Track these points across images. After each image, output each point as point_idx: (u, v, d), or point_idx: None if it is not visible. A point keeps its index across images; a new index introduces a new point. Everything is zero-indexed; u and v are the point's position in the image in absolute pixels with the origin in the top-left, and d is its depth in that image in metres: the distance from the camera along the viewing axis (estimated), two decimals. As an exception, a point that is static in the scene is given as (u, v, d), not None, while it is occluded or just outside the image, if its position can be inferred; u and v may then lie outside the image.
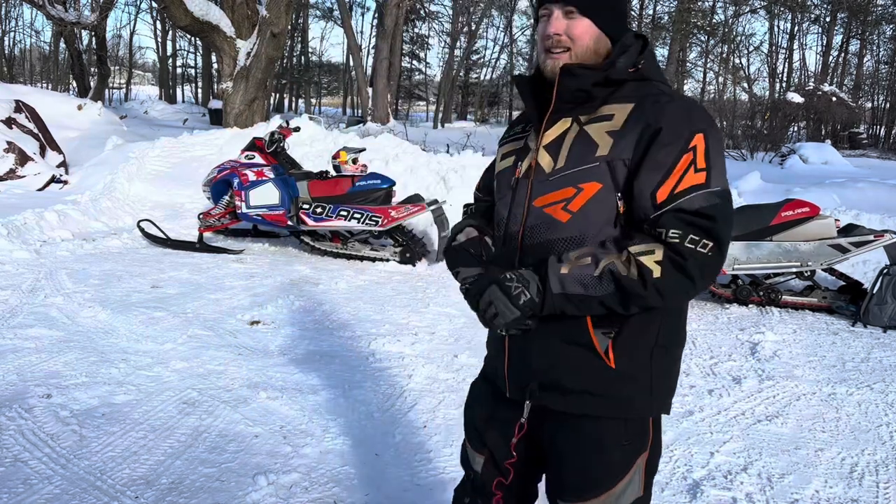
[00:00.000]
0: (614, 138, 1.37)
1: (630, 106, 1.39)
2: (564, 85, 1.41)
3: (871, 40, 32.93)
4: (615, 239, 1.37)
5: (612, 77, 1.41)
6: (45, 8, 14.18)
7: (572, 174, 1.39)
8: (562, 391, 1.44)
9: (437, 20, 35.21)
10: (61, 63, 33.88)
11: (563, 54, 1.42)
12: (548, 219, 1.41)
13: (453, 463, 2.90)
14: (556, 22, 1.42)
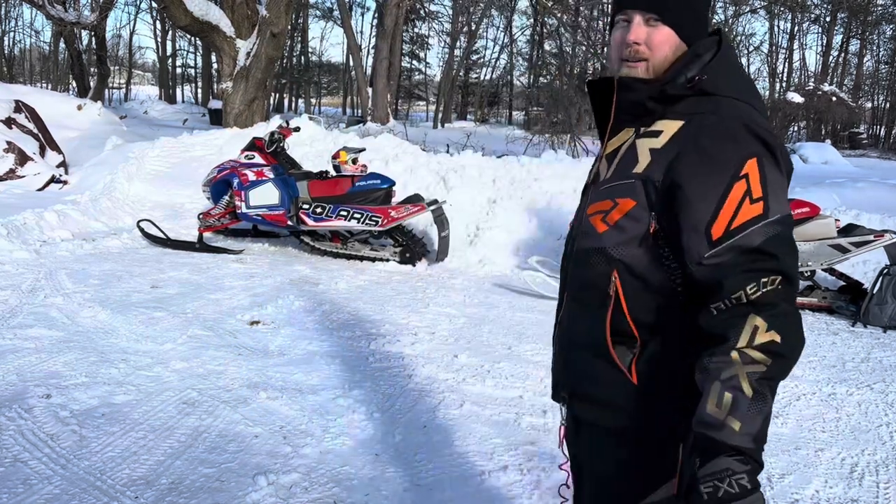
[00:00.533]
0: (652, 157, 1.31)
1: (679, 124, 1.31)
2: (621, 98, 1.37)
3: (871, 40, 32.93)
4: (695, 337, 1.24)
5: (668, 92, 1.33)
6: (45, 8, 14.18)
7: (613, 187, 1.36)
8: (589, 401, 1.43)
9: (437, 20, 35.21)
10: (61, 63, 33.88)
11: (640, 64, 1.35)
12: (589, 227, 1.39)
13: (453, 463, 2.91)
14: (636, 29, 1.34)
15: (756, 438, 1.15)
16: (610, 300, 1.34)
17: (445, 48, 35.50)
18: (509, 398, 3.60)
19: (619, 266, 1.34)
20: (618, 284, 1.33)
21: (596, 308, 1.37)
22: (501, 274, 6.54)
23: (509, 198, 7.56)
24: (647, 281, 1.32)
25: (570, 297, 1.46)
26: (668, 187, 1.28)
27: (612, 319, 1.34)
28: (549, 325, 4.87)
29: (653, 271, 1.32)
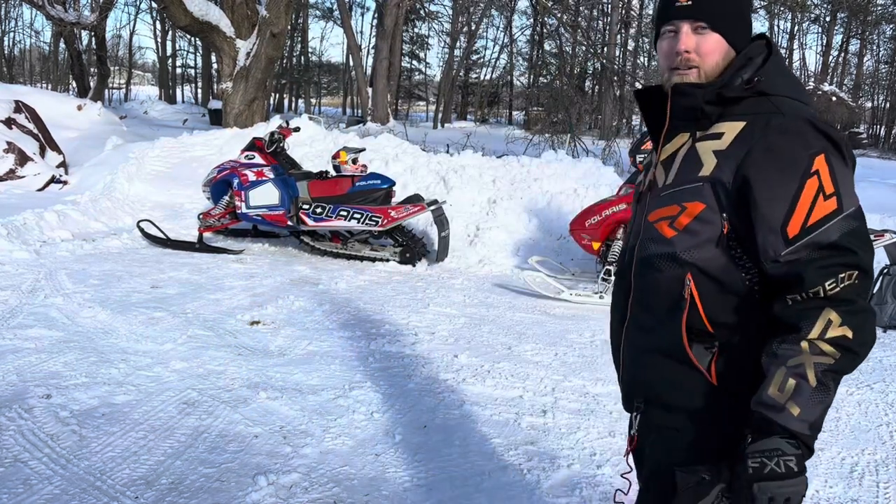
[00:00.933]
0: (718, 159, 1.32)
1: (741, 125, 1.32)
2: (677, 104, 1.39)
3: (871, 40, 32.93)
4: (770, 323, 1.29)
5: (725, 95, 1.34)
6: (45, 8, 14.18)
7: (678, 192, 1.37)
8: (665, 407, 1.43)
9: (437, 20, 35.20)
10: (61, 63, 33.88)
11: (691, 72, 1.37)
12: (655, 234, 1.40)
13: (453, 463, 2.91)
14: (685, 38, 1.36)
15: (812, 426, 1.19)
16: (685, 303, 1.34)
17: (445, 48, 35.50)
18: (509, 398, 3.60)
19: (693, 269, 1.34)
20: (692, 287, 1.34)
21: (669, 313, 1.37)
22: (501, 274, 6.54)
23: (509, 198, 7.57)
24: (723, 282, 1.33)
25: (637, 305, 1.46)
26: (740, 188, 1.29)
27: (687, 322, 1.35)
28: (550, 325, 4.87)
29: (728, 272, 1.33)
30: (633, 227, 1.51)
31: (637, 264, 1.45)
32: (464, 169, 8.00)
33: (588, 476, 2.87)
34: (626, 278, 1.49)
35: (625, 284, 1.50)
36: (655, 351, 1.41)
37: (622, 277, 1.52)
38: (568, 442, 3.15)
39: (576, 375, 3.96)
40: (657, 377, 1.42)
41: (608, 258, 5.77)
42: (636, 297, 1.46)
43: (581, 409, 3.52)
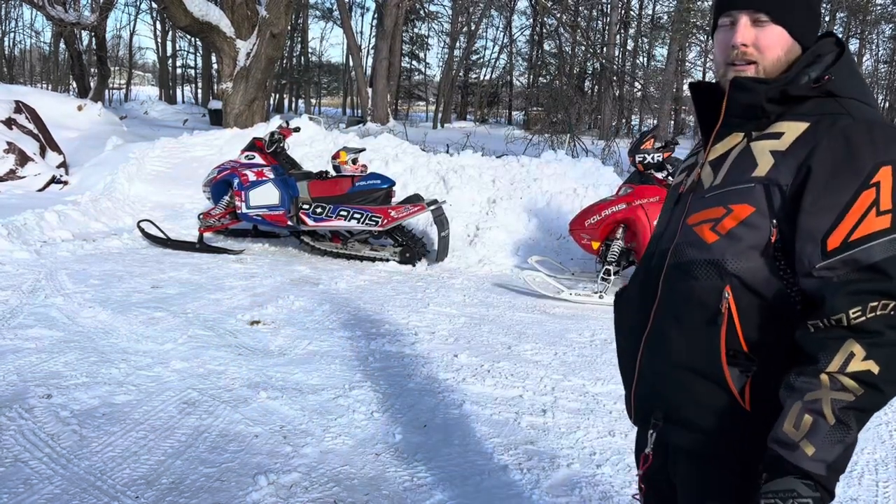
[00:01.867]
0: (776, 159, 1.20)
1: (804, 125, 1.20)
2: (734, 100, 1.27)
3: (871, 40, 32.95)
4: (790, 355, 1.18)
5: (790, 93, 1.23)
6: (45, 9, 14.19)
7: (725, 193, 1.25)
8: (688, 427, 1.30)
9: (437, 20, 35.22)
10: (61, 64, 33.88)
11: (749, 67, 1.25)
12: (695, 238, 1.28)
13: (453, 463, 2.91)
14: (743, 31, 1.24)
15: (830, 467, 1.09)
16: (722, 317, 1.22)
17: (445, 48, 35.51)
18: (509, 398, 3.61)
19: (733, 280, 1.22)
20: (731, 300, 1.22)
21: (701, 326, 1.25)
22: (501, 274, 6.54)
23: (509, 198, 7.57)
24: (765, 296, 1.22)
25: (664, 315, 1.32)
26: (796, 192, 1.18)
27: (726, 339, 1.23)
28: (549, 325, 4.88)
29: (771, 285, 1.21)
30: (664, 229, 1.38)
31: (668, 270, 1.32)
32: (463, 169, 8.00)
33: (588, 475, 2.87)
34: (650, 284, 1.35)
35: (648, 290, 1.36)
36: (684, 367, 1.28)
37: (645, 283, 1.38)
38: (567, 441, 3.16)
39: (575, 375, 3.97)
40: (683, 396, 1.30)
41: (608, 258, 5.78)
42: (663, 306, 1.32)
43: (581, 408, 3.53)
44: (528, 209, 7.41)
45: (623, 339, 1.47)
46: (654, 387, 1.36)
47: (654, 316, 1.34)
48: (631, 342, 1.41)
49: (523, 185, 7.72)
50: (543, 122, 18.12)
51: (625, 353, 1.47)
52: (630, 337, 1.42)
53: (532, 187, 7.67)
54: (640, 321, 1.37)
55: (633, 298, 1.43)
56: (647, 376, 1.37)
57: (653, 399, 1.36)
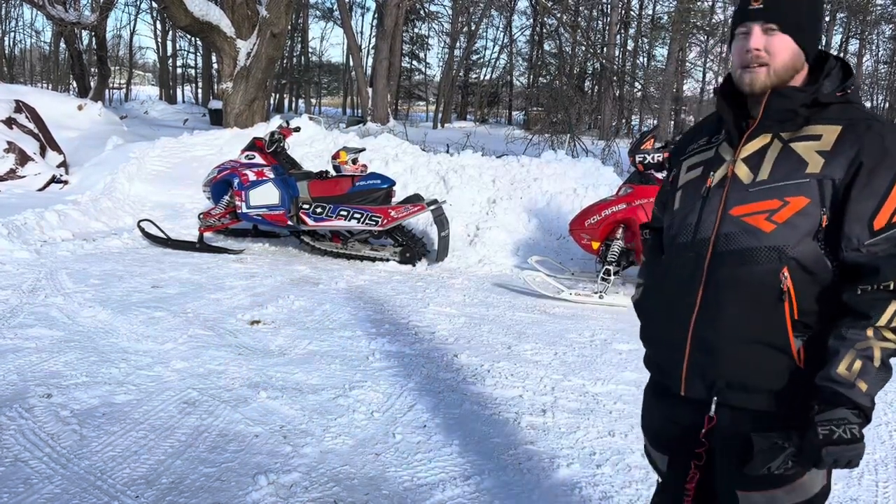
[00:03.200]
0: (825, 158, 1.42)
1: (838, 128, 1.44)
2: (773, 105, 1.48)
3: (871, 40, 32.95)
4: (841, 311, 1.42)
5: (820, 100, 1.47)
6: (46, 8, 14.19)
7: (779, 187, 1.45)
8: (748, 389, 1.50)
9: (437, 20, 35.20)
10: (61, 63, 33.87)
11: (761, 69, 1.47)
12: (748, 227, 1.47)
13: (453, 463, 2.91)
14: (755, 37, 1.47)
15: (872, 399, 1.37)
16: (785, 295, 1.43)
17: (445, 48, 35.51)
18: (509, 397, 3.61)
19: (791, 262, 1.43)
20: (789, 279, 1.43)
21: (764, 303, 1.45)
22: (501, 274, 6.54)
23: (509, 198, 7.57)
24: (814, 272, 1.44)
25: (717, 295, 1.50)
26: (848, 184, 1.40)
27: (789, 312, 1.44)
28: (549, 325, 4.86)
29: (818, 263, 1.44)
30: (697, 220, 1.54)
31: (718, 256, 1.49)
32: (464, 169, 8.00)
33: (588, 475, 2.87)
34: (690, 271, 1.53)
35: (688, 277, 1.54)
36: (748, 340, 1.47)
37: (681, 270, 1.56)
38: (567, 441, 3.16)
39: (575, 375, 3.97)
40: (746, 363, 1.48)
41: (608, 258, 5.78)
42: (717, 289, 1.50)
43: (580, 408, 3.53)
44: (528, 209, 7.42)
45: (660, 327, 1.63)
46: (713, 359, 1.52)
47: (704, 298, 1.51)
48: (673, 327, 1.57)
49: (523, 185, 7.72)
50: (543, 122, 18.12)
51: (659, 338, 1.65)
52: (670, 322, 1.58)
53: (532, 187, 7.67)
54: (683, 306, 1.54)
55: (670, 287, 1.59)
56: (704, 351, 1.53)
57: (712, 370, 1.52)
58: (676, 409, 1.63)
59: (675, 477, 1.69)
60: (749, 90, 1.50)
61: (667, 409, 1.67)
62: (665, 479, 1.74)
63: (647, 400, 1.76)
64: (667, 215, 1.70)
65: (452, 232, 6.82)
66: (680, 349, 1.56)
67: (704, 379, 1.54)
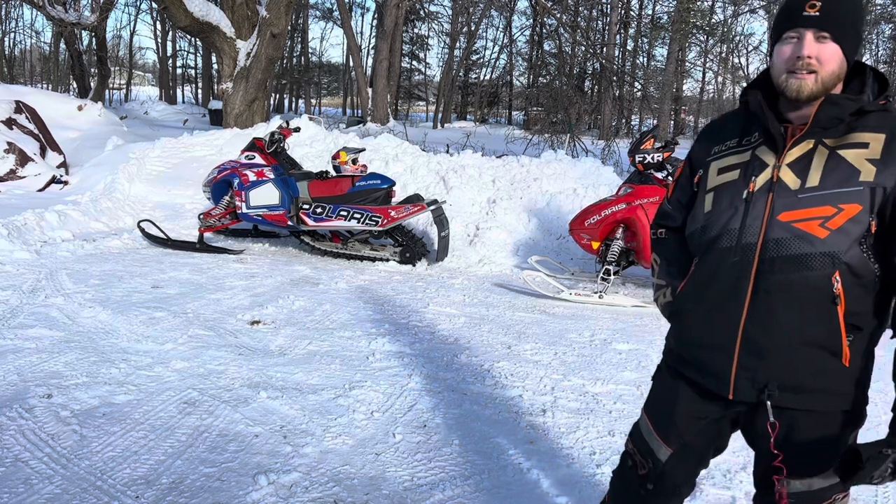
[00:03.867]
0: (876, 166, 1.46)
1: (882, 136, 1.48)
2: (825, 112, 1.50)
3: (871, 40, 32.95)
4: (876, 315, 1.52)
5: (865, 108, 1.51)
6: (46, 9, 14.20)
7: (832, 194, 1.48)
8: (796, 390, 1.54)
9: (437, 20, 35.22)
10: (61, 64, 33.89)
11: (810, 76, 1.49)
12: (801, 234, 1.49)
13: (453, 462, 2.91)
14: (809, 45, 1.48)
15: None
16: (839, 298, 1.48)
17: (445, 48, 35.51)
18: (509, 397, 3.61)
19: (842, 266, 1.48)
20: (840, 284, 1.48)
21: (818, 306, 1.49)
22: (501, 274, 6.54)
23: (509, 198, 7.57)
24: (861, 275, 1.49)
25: (768, 300, 1.52)
26: None
27: (843, 315, 1.49)
28: (549, 325, 4.86)
29: (865, 266, 1.49)
30: (741, 225, 1.55)
31: (768, 262, 1.51)
32: (463, 169, 8.00)
33: (587, 475, 2.87)
34: (736, 276, 1.55)
35: (733, 283, 1.56)
36: (801, 342, 1.51)
37: (726, 276, 1.57)
38: (567, 441, 3.16)
39: (575, 375, 3.97)
40: (799, 367, 1.53)
41: (607, 258, 5.78)
42: (766, 294, 1.52)
43: (580, 408, 3.53)
44: (528, 209, 7.42)
45: (703, 330, 1.64)
46: (765, 362, 1.55)
47: (753, 302, 1.54)
48: (719, 330, 1.59)
49: (523, 185, 7.73)
50: (543, 122, 18.13)
51: (708, 341, 1.63)
52: (716, 326, 1.60)
53: (532, 187, 7.67)
54: (731, 310, 1.56)
55: (713, 291, 1.60)
56: (755, 355, 1.55)
57: (764, 373, 1.55)
58: (706, 408, 1.68)
59: (672, 469, 1.75)
60: (795, 96, 1.51)
61: (695, 407, 1.69)
62: (657, 468, 1.77)
63: (666, 392, 1.77)
64: (693, 217, 1.69)
65: (452, 232, 6.82)
66: (728, 353, 1.58)
67: (755, 382, 1.56)
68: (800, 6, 1.49)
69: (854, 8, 1.52)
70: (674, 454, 1.74)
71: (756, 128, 1.62)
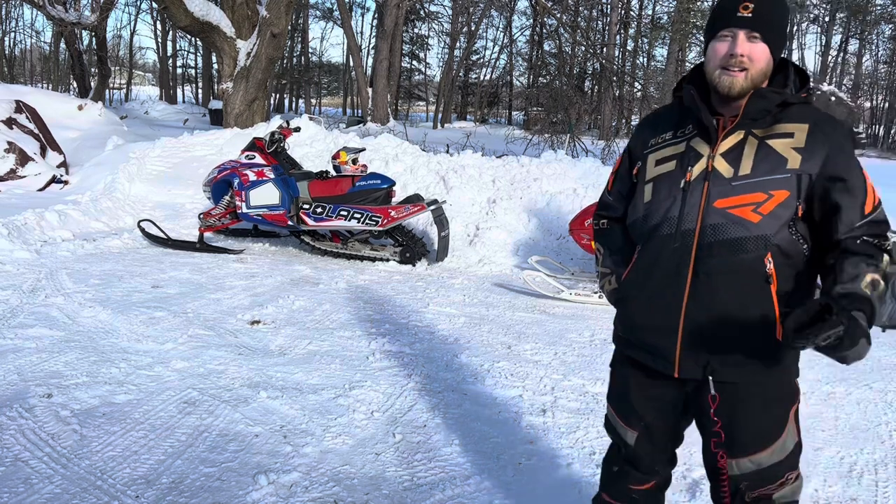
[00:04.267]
0: (802, 154, 1.59)
1: (805, 126, 1.61)
2: (754, 105, 1.61)
3: (871, 40, 32.93)
4: (845, 254, 1.60)
5: (788, 101, 1.63)
6: (46, 8, 14.20)
7: (763, 181, 1.59)
8: (739, 364, 1.64)
9: (437, 20, 35.20)
10: (62, 63, 33.87)
11: (741, 73, 1.59)
12: (735, 219, 1.60)
13: (453, 462, 2.91)
14: (742, 44, 1.59)
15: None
16: (771, 277, 1.59)
17: (445, 48, 35.51)
18: (509, 397, 3.61)
19: (774, 248, 1.59)
20: (772, 264, 1.59)
21: (754, 286, 1.60)
22: (501, 274, 6.54)
23: (509, 198, 7.57)
24: (790, 256, 1.61)
25: (708, 282, 1.62)
26: (827, 178, 1.58)
27: (775, 292, 1.60)
28: (549, 325, 4.86)
29: (793, 246, 1.61)
30: (680, 212, 1.65)
31: (706, 246, 1.62)
32: (464, 169, 8.00)
33: (587, 475, 2.87)
34: (676, 261, 1.65)
35: (674, 267, 1.65)
36: (740, 320, 1.61)
37: (667, 261, 1.66)
38: (567, 441, 3.16)
39: (575, 374, 3.97)
40: (739, 343, 1.63)
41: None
42: (706, 276, 1.62)
43: (580, 408, 3.53)
44: (528, 209, 7.42)
45: (648, 313, 1.72)
46: (707, 341, 1.65)
47: (694, 285, 1.64)
48: (663, 313, 1.68)
49: (523, 185, 7.72)
50: (543, 122, 18.11)
51: (653, 323, 1.72)
52: (660, 309, 1.69)
53: (532, 187, 7.67)
54: (673, 293, 1.66)
55: (656, 276, 1.69)
56: (698, 334, 1.65)
57: (706, 351, 1.66)
58: (657, 389, 1.77)
59: (643, 451, 1.85)
60: (727, 91, 1.61)
61: (645, 389, 1.80)
62: (629, 452, 1.88)
63: (620, 379, 1.88)
64: (634, 206, 1.78)
65: (452, 232, 6.82)
66: (672, 333, 1.67)
67: (698, 360, 1.66)
68: (734, 7, 1.59)
69: (782, 11, 1.64)
70: (640, 437, 1.84)
71: (690, 120, 1.71)
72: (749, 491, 1.73)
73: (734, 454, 1.71)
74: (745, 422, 1.69)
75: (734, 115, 1.64)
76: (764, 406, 1.69)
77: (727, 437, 1.71)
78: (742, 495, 1.74)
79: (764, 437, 1.69)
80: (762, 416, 1.69)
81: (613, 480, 1.95)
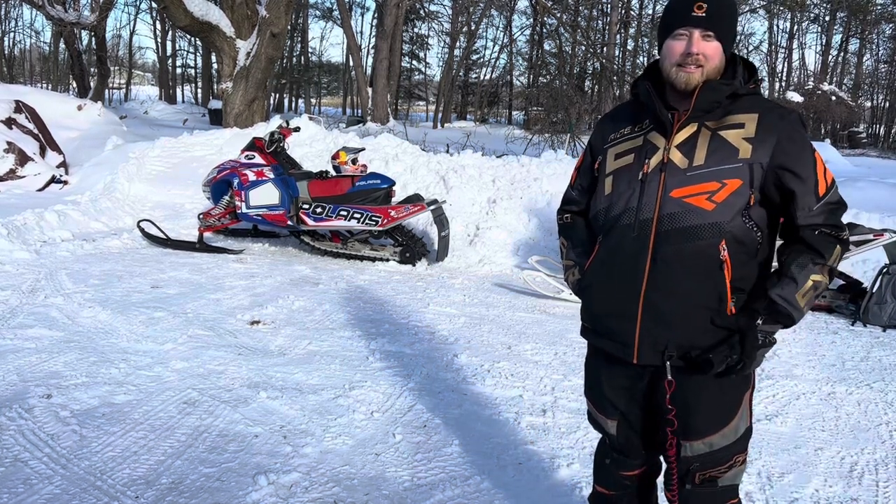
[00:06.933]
0: (752, 144, 1.65)
1: (755, 116, 1.67)
2: (704, 97, 1.67)
3: (871, 39, 32.92)
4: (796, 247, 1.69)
5: (738, 92, 1.69)
6: (45, 8, 14.19)
7: (716, 171, 1.65)
8: (695, 349, 1.69)
9: (437, 20, 35.19)
10: (61, 63, 33.88)
11: (697, 70, 1.66)
12: (691, 207, 1.66)
13: (453, 462, 2.91)
14: (697, 42, 1.66)
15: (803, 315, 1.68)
16: (724, 264, 1.65)
17: (445, 48, 35.51)
18: (509, 397, 3.61)
19: (727, 235, 1.65)
20: (726, 251, 1.65)
21: (708, 272, 1.66)
22: (501, 274, 6.54)
23: (509, 198, 7.57)
24: (743, 243, 1.67)
25: (666, 269, 1.68)
26: (778, 166, 1.65)
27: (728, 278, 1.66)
28: (549, 325, 4.87)
29: (746, 233, 1.67)
30: (638, 203, 1.70)
31: (664, 234, 1.67)
32: (464, 169, 8.00)
33: (588, 475, 2.87)
34: (635, 249, 1.71)
35: (633, 255, 1.71)
36: (696, 305, 1.67)
37: (626, 249, 1.73)
38: (568, 441, 3.16)
39: (575, 374, 3.96)
40: (695, 326, 1.69)
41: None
42: (664, 263, 1.68)
43: (581, 408, 3.52)
44: (528, 209, 7.41)
45: (610, 301, 1.78)
46: (664, 327, 1.70)
47: (652, 272, 1.69)
48: (623, 300, 1.74)
49: (523, 185, 7.72)
50: (543, 122, 18.12)
51: (614, 311, 1.78)
52: (620, 296, 1.75)
53: (532, 187, 7.67)
54: (632, 281, 1.72)
55: (617, 264, 1.76)
56: (656, 320, 1.70)
57: (663, 336, 1.71)
58: (623, 377, 1.84)
59: (625, 437, 1.91)
60: (684, 87, 1.67)
61: (614, 378, 1.86)
62: (615, 442, 1.94)
63: (592, 371, 1.94)
64: (595, 199, 1.84)
65: (452, 232, 6.81)
66: (632, 320, 1.73)
67: (656, 346, 1.72)
68: (688, 7, 1.66)
69: (732, 10, 1.71)
70: (619, 425, 1.90)
71: (647, 115, 1.77)
72: (699, 472, 1.79)
73: (688, 437, 1.77)
74: (701, 406, 1.74)
75: (688, 108, 1.69)
76: (720, 390, 1.73)
77: (681, 423, 1.76)
78: (692, 476, 1.80)
79: (718, 421, 1.75)
80: (717, 400, 1.74)
81: (605, 471, 2.01)
